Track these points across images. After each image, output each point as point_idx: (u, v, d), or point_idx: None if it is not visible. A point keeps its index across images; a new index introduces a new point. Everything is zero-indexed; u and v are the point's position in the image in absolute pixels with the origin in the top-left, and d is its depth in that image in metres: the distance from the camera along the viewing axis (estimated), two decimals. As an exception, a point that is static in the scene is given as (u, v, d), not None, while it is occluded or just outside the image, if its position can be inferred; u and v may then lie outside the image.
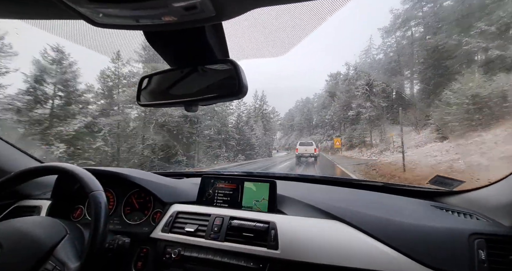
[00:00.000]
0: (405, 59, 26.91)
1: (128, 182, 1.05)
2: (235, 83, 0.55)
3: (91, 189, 0.73)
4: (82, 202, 1.13)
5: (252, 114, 32.91)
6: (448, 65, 18.42)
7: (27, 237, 0.66)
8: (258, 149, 28.65)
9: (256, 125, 30.72)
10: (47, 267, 0.63)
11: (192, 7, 0.35)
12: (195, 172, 1.54)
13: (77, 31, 0.52)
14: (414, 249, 0.69)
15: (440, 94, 14.01)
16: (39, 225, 0.73)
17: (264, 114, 39.56)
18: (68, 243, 0.71)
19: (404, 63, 27.07)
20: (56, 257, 0.65)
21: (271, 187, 0.97)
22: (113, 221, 1.04)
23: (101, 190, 0.74)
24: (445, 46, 19.17)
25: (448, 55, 18.61)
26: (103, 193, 0.74)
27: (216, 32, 0.51)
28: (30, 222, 0.74)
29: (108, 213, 0.72)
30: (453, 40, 18.14)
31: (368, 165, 12.27)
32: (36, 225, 0.72)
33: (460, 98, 11.55)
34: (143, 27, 0.45)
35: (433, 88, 19.42)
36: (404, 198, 1.04)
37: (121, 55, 11.84)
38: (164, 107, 1.32)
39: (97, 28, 0.42)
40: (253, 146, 27.02)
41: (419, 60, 23.64)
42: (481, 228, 0.73)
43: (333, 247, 0.74)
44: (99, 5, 0.35)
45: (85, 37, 0.55)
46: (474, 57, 17.17)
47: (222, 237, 0.84)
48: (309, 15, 0.47)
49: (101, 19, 0.39)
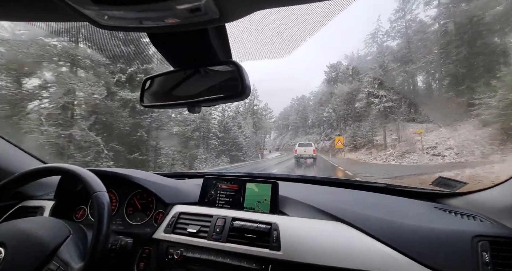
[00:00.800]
0: (426, 39, 21.19)
1: (131, 182, 1.05)
2: (238, 85, 0.55)
3: (94, 189, 0.73)
4: (85, 202, 1.13)
5: (241, 110, 29.40)
6: (488, 42, 14.46)
7: (31, 237, 0.67)
8: (247, 149, 25.17)
9: (245, 122, 27.34)
10: (51, 267, 0.63)
11: (196, 9, 0.35)
12: (197, 173, 1.55)
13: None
14: (416, 251, 0.68)
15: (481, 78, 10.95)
16: (43, 225, 0.73)
17: (254, 110, 35.65)
18: (71, 244, 0.71)
19: (422, 46, 21.53)
20: (59, 257, 0.66)
21: (273, 188, 0.97)
22: (115, 222, 1.04)
23: (104, 191, 0.75)
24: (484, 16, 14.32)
25: (489, 28, 14.36)
26: (106, 193, 0.74)
27: (219, 33, 0.51)
28: (34, 222, 0.75)
29: (111, 213, 0.72)
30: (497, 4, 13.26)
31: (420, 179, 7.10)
32: (39, 225, 0.73)
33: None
34: (147, 29, 0.45)
35: (467, 71, 15.68)
36: (406, 200, 1.04)
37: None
38: (167, 109, 1.32)
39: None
40: (240, 146, 23.43)
41: (445, 40, 18.67)
42: (485, 230, 0.72)
43: (335, 249, 0.73)
44: (105, 7, 0.35)
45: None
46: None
47: (224, 238, 0.84)
48: (314, 16, 0.47)
49: (106, 21, 0.39)
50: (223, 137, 20.91)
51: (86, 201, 1.13)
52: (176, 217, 0.95)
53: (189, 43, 0.52)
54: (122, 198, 1.11)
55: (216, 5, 0.35)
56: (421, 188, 1.15)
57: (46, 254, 0.65)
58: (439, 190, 1.07)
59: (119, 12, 0.36)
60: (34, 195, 1.18)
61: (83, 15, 0.37)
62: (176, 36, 0.50)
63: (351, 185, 1.25)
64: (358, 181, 1.31)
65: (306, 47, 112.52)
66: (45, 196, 1.18)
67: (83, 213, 1.12)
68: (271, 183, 0.98)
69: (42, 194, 1.20)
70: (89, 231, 0.80)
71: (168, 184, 1.12)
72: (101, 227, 0.68)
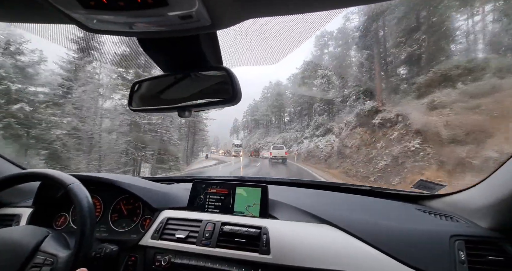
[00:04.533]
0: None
1: (116, 188, 1.02)
2: (229, 90, 0.55)
3: (67, 182, 0.72)
4: (67, 209, 1.08)
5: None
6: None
7: (6, 242, 0.64)
8: (164, 153, 15.13)
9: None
10: (37, 261, 0.62)
11: (188, 16, 0.36)
12: (186, 177, 1.51)
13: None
14: (399, 251, 0.71)
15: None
16: (18, 231, 0.71)
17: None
18: (53, 239, 0.70)
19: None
20: (43, 251, 0.65)
21: (263, 191, 0.98)
22: (99, 229, 1.00)
23: (78, 182, 0.74)
24: None
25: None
26: (81, 184, 0.73)
27: (211, 40, 0.52)
28: (8, 230, 0.71)
29: (92, 205, 0.71)
30: None
31: None
32: (14, 232, 0.70)
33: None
34: (137, 34, 0.45)
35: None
36: (390, 202, 1.08)
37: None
38: (156, 113, 1.30)
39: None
40: (145, 148, 13.82)
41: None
42: (460, 230, 0.77)
43: (323, 251, 0.75)
44: (94, 12, 0.35)
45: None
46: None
47: (213, 243, 0.83)
48: (303, 25, 0.49)
49: (94, 25, 0.39)
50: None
51: (68, 207, 1.08)
52: (164, 223, 0.93)
53: (180, 49, 0.52)
54: (107, 204, 1.07)
55: (208, 13, 0.36)
56: (404, 190, 1.21)
57: (28, 252, 0.63)
58: (420, 192, 1.13)
59: (108, 17, 0.36)
60: (11, 201, 1.12)
61: (71, 18, 0.37)
62: (167, 42, 0.50)
63: (338, 188, 1.28)
64: (345, 184, 1.35)
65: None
66: (22, 203, 1.12)
67: (65, 220, 1.07)
68: (261, 187, 0.99)
69: (19, 200, 1.14)
70: (71, 239, 0.77)
71: (155, 189, 1.09)
72: (84, 215, 0.67)
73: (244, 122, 67.51)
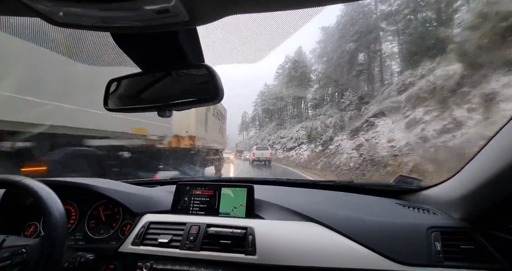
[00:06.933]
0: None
1: (93, 193, 0.96)
2: (211, 88, 0.54)
3: (15, 179, 0.68)
4: (37, 217, 1.00)
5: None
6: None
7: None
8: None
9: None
10: (4, 255, 0.58)
11: (165, 10, 0.34)
12: (169, 179, 1.46)
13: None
14: (380, 245, 0.74)
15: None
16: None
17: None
18: (13, 238, 0.65)
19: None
20: (7, 246, 0.60)
21: (249, 192, 0.97)
22: (74, 237, 0.94)
23: (30, 179, 0.70)
24: None
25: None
26: (29, 179, 0.70)
27: (190, 36, 0.50)
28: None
29: (62, 209, 0.66)
30: None
31: None
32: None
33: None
34: (110, 29, 0.42)
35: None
36: (372, 197, 1.12)
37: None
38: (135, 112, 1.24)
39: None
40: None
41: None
42: (436, 222, 0.81)
43: (308, 249, 0.75)
44: (61, 3, 0.32)
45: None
46: None
47: (198, 246, 0.81)
48: (285, 22, 0.49)
49: (62, 19, 0.36)
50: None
51: (39, 216, 1.00)
52: (145, 227, 0.89)
53: (158, 45, 0.50)
54: (84, 210, 1.00)
55: (185, 8, 0.35)
56: (385, 185, 1.25)
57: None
58: (400, 187, 1.18)
59: (76, 9, 0.34)
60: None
61: (34, 10, 0.34)
62: (143, 37, 0.47)
63: (323, 185, 1.30)
64: (331, 181, 1.37)
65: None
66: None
67: (35, 229, 0.99)
68: (247, 187, 0.98)
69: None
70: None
71: (136, 192, 1.04)
72: (46, 207, 0.63)
73: (255, 115, 58.32)
